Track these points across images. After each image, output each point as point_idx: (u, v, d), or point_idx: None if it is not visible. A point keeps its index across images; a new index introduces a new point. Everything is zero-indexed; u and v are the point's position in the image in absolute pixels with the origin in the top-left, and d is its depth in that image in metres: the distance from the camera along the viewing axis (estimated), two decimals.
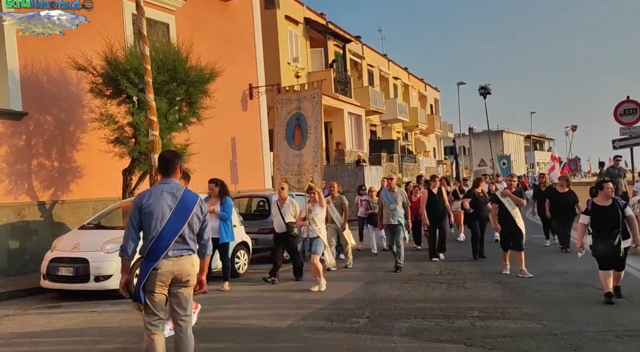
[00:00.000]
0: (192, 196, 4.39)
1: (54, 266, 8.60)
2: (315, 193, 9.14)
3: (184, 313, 4.29)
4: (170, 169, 4.43)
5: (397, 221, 10.29)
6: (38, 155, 11.34)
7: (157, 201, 4.25)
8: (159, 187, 4.37)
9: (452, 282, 8.81)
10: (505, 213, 9.26)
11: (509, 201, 9.28)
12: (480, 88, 42.05)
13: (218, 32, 15.95)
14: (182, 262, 4.23)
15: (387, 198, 10.45)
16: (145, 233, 4.23)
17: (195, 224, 4.33)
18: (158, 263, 4.15)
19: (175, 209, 4.24)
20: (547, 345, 5.34)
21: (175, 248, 4.21)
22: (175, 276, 4.22)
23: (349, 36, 29.41)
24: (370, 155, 27.74)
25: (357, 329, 6.17)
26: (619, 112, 14.02)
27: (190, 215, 4.27)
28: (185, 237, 4.26)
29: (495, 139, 64.27)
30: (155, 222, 4.19)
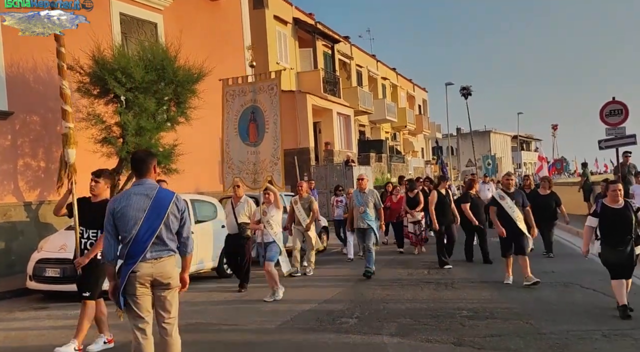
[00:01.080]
0: (167, 194, 4.26)
1: (41, 267, 8.52)
2: (271, 194, 8.41)
3: (168, 316, 4.19)
4: (143, 170, 4.29)
5: (367, 225, 9.61)
6: (24, 155, 11.22)
7: (128, 204, 4.13)
8: (131, 190, 4.26)
9: (441, 283, 8.85)
10: (505, 215, 8.43)
11: (508, 202, 8.44)
12: (461, 89, 42.24)
13: (206, 31, 15.89)
14: (161, 264, 4.14)
15: (357, 200, 9.81)
16: (122, 237, 4.14)
17: (173, 223, 4.20)
18: (136, 266, 4.06)
19: (149, 210, 4.12)
20: (535, 344, 5.38)
21: (154, 250, 4.11)
22: (155, 279, 4.13)
23: (337, 36, 29.46)
24: (359, 156, 27.78)
25: (347, 329, 6.17)
26: (604, 113, 14.14)
27: (166, 214, 4.15)
28: (164, 237, 4.15)
29: (482, 140, 64.79)
30: (130, 226, 4.09)
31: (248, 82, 9.40)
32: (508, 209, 8.39)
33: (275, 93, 8.94)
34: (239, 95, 9.33)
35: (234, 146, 9.17)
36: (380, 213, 9.90)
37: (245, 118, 9.15)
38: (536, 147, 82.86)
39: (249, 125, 9.09)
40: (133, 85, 10.52)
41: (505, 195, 8.50)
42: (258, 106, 9.04)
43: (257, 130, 8.94)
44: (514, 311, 6.77)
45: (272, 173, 8.62)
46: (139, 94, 10.60)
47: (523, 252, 8.27)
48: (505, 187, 8.73)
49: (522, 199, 8.62)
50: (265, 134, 8.84)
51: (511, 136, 75.38)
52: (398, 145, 39.77)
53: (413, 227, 12.51)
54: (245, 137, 9.09)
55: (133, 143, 10.59)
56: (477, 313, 6.70)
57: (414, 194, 12.56)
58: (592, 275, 8.48)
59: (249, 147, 8.98)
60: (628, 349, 5.15)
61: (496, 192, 8.92)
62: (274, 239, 8.27)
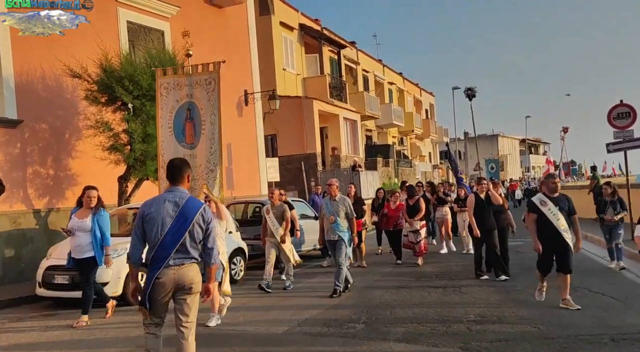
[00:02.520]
0: (195, 204, 4.37)
1: (50, 274, 8.57)
2: (212, 203, 7.26)
3: (186, 320, 4.29)
4: (177, 178, 4.44)
5: (338, 236, 8.71)
6: (33, 163, 11.31)
7: (158, 209, 4.27)
8: (162, 196, 4.42)
9: (448, 287, 8.83)
10: (546, 225, 7.05)
11: (551, 209, 7.08)
12: (466, 90, 41.83)
13: (213, 38, 15.98)
14: (183, 270, 4.24)
15: (327, 208, 8.90)
16: (148, 241, 4.28)
17: (198, 233, 4.29)
18: (160, 272, 4.19)
19: (176, 218, 4.24)
20: (543, 349, 5.36)
21: (177, 257, 4.22)
22: (177, 284, 4.24)
23: (343, 42, 29.51)
24: (366, 160, 27.77)
25: (354, 335, 6.17)
26: (612, 116, 14.08)
27: (191, 224, 4.25)
28: (187, 246, 4.25)
29: (490, 143, 64.58)
30: (157, 231, 4.23)
31: (184, 74, 8.12)
32: (551, 217, 7.04)
33: (213, 88, 7.64)
34: (174, 89, 8.04)
35: (169, 148, 7.93)
36: (352, 223, 8.90)
37: (180, 116, 7.91)
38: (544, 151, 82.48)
39: (185, 124, 7.88)
40: (140, 92, 10.61)
41: (548, 200, 7.16)
42: (194, 103, 7.80)
43: (194, 131, 7.78)
44: (521, 315, 6.75)
45: (207, 181, 7.43)
46: (146, 102, 10.69)
47: (566, 269, 7.01)
48: (549, 191, 7.27)
49: (569, 206, 7.21)
50: (202, 136, 7.64)
51: (519, 140, 75.06)
52: (405, 149, 39.71)
53: (414, 236, 11.65)
54: (181, 138, 7.88)
55: (140, 150, 10.67)
56: (484, 318, 6.68)
57: (413, 201, 11.83)
58: (600, 279, 8.44)
59: (185, 150, 7.75)
60: None
61: (537, 197, 7.39)
62: None
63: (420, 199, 11.96)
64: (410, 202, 11.89)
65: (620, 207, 9.85)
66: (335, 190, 8.95)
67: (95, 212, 7.48)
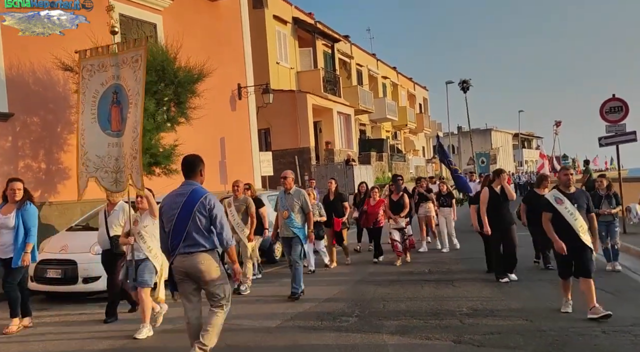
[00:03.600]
0: (197, 194, 4.65)
1: (42, 268, 8.53)
2: (144, 198, 6.63)
3: (214, 303, 4.75)
4: (189, 172, 4.80)
5: (293, 233, 8.07)
6: (25, 157, 11.23)
7: (169, 203, 4.70)
8: (175, 190, 4.81)
9: (441, 281, 8.85)
10: (562, 224, 6.35)
11: (567, 207, 6.35)
12: (460, 82, 41.80)
13: (206, 32, 15.90)
14: (190, 259, 4.58)
15: (281, 202, 8.22)
16: (166, 231, 4.71)
17: (201, 221, 4.58)
18: (174, 259, 4.65)
19: (181, 209, 4.59)
20: (535, 341, 5.39)
21: (185, 245, 4.58)
22: (187, 272, 4.63)
23: (337, 36, 29.45)
24: (359, 155, 27.78)
25: (347, 328, 6.18)
26: (604, 110, 14.15)
27: (193, 213, 4.55)
28: (193, 234, 4.56)
29: (484, 138, 64.71)
30: (168, 223, 4.65)
31: (109, 54, 7.14)
32: (568, 215, 6.33)
33: (140, 66, 6.76)
34: (99, 71, 7.19)
35: (91, 136, 7.12)
36: (308, 218, 8.21)
37: (106, 100, 7.09)
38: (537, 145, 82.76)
39: (111, 110, 7.04)
40: None
41: (564, 197, 6.41)
42: (121, 84, 6.95)
43: (120, 116, 6.92)
44: (513, 308, 6.78)
45: (132, 171, 6.66)
46: None
47: (587, 273, 6.25)
48: (564, 185, 6.53)
49: (587, 202, 6.50)
50: (127, 121, 6.80)
51: (512, 134, 75.28)
52: (399, 144, 39.75)
53: (398, 234, 10.81)
54: (107, 126, 7.04)
55: None
56: (477, 311, 6.71)
57: (398, 197, 10.98)
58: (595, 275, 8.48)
59: (111, 138, 6.95)
60: (628, 345, 5.16)
61: (552, 193, 6.62)
62: (147, 255, 6.48)
63: (404, 194, 11.15)
64: (395, 197, 11.05)
65: (616, 203, 9.74)
66: (290, 182, 8.22)
67: (20, 207, 6.85)
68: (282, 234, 8.26)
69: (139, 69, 6.70)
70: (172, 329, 6.53)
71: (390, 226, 11.03)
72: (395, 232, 10.84)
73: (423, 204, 12.83)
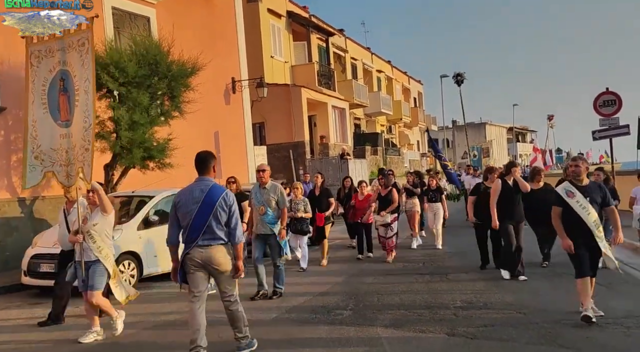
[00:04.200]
0: (218, 190, 4.94)
1: (35, 263, 8.52)
2: (95, 194, 6.06)
3: (225, 295, 5.01)
4: (203, 168, 5.02)
5: (271, 230, 7.67)
6: (17, 151, 11.15)
7: (186, 198, 4.91)
8: (191, 185, 5.00)
9: (435, 274, 8.88)
10: (574, 221, 5.80)
11: (580, 201, 5.80)
12: (455, 75, 41.65)
13: (200, 25, 15.83)
14: (210, 250, 4.85)
15: (256, 198, 7.77)
16: (182, 225, 4.92)
17: (221, 215, 4.86)
18: (190, 250, 4.85)
19: (201, 204, 4.82)
20: (528, 333, 5.42)
21: (204, 238, 4.83)
22: (204, 263, 4.86)
23: (332, 29, 29.38)
24: (354, 149, 27.78)
25: (341, 321, 6.20)
26: (598, 104, 14.19)
27: (215, 208, 4.82)
28: (213, 228, 4.83)
29: (478, 131, 64.79)
30: (186, 217, 4.86)
31: (55, 38, 6.77)
32: (580, 210, 5.78)
33: (86, 50, 6.34)
34: (46, 57, 6.81)
35: (44, 128, 6.73)
36: (282, 214, 7.77)
37: (54, 88, 6.66)
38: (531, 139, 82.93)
39: (59, 98, 6.58)
40: (126, 79, 10.48)
41: (576, 190, 5.86)
42: (68, 70, 6.51)
43: (68, 105, 6.46)
44: (507, 301, 6.81)
45: (83, 164, 6.22)
46: (132, 89, 10.57)
47: (593, 274, 5.93)
48: (575, 178, 6.02)
49: (603, 196, 5.93)
50: (75, 109, 6.36)
51: (507, 128, 75.40)
52: (393, 138, 39.78)
53: (384, 230, 10.48)
54: (57, 115, 6.59)
55: (127, 138, 10.56)
56: (470, 304, 6.74)
57: (386, 192, 10.57)
58: None
59: (61, 129, 6.51)
60: (619, 337, 5.20)
61: (562, 186, 6.05)
62: (97, 256, 5.96)
63: (393, 189, 10.71)
64: (383, 192, 10.66)
65: (613, 197, 9.35)
66: (266, 176, 7.80)
67: None
68: (257, 231, 7.76)
69: (86, 53, 6.35)
70: (165, 323, 6.54)
71: (377, 221, 10.73)
72: (382, 228, 10.56)
73: (409, 199, 12.45)
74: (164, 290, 8.66)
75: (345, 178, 12.66)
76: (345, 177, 13.06)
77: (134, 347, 5.78)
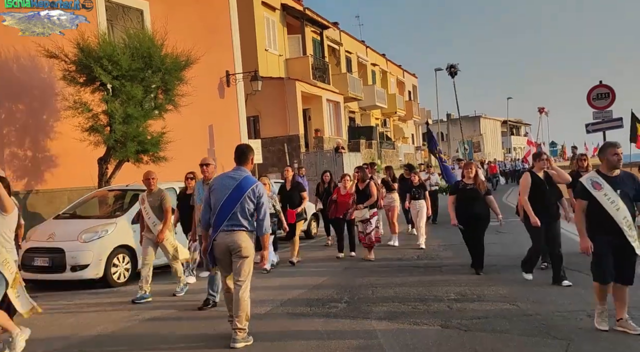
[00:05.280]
0: (249, 181, 5.24)
1: (30, 256, 8.50)
2: None
3: (238, 278, 5.24)
4: (242, 160, 5.36)
5: None
6: (10, 145, 11.12)
7: (220, 184, 5.27)
8: (227, 173, 5.39)
9: (430, 267, 8.93)
10: (601, 216, 5.04)
11: (608, 194, 5.03)
12: (448, 66, 41.45)
13: (193, 18, 15.74)
14: (232, 235, 5.15)
15: (199, 195, 7.06)
16: (213, 209, 5.24)
17: (248, 205, 5.17)
18: (216, 235, 5.19)
19: (232, 191, 5.15)
20: (521, 325, 5.46)
21: (229, 224, 5.15)
22: (227, 247, 5.19)
23: (326, 22, 29.28)
24: (349, 142, 27.76)
25: (336, 314, 6.23)
26: (592, 97, 14.25)
27: (243, 197, 5.13)
28: (238, 215, 5.15)
29: (472, 125, 64.92)
30: (217, 201, 5.20)
31: None
32: (608, 204, 5.01)
33: None
34: None
35: None
36: None
37: None
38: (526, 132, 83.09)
39: None
40: (119, 73, 10.43)
41: (604, 181, 5.10)
42: None
43: None
44: (501, 293, 6.86)
45: None
46: (125, 82, 10.52)
47: (627, 280, 5.10)
48: (607, 168, 5.17)
49: (636, 188, 5.11)
50: None
51: (501, 121, 75.57)
52: (388, 131, 39.78)
53: (362, 226, 10.00)
54: None
55: (120, 131, 10.53)
56: (464, 296, 6.77)
57: (364, 186, 10.13)
58: (577, 257, 8.55)
59: None
60: (611, 328, 5.22)
61: (588, 177, 5.26)
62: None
63: (371, 183, 10.22)
64: (361, 186, 10.17)
65: None
66: (212, 171, 7.11)
67: None
68: (199, 232, 6.96)
69: None
70: (161, 316, 6.54)
71: (356, 217, 10.17)
72: (361, 224, 10.07)
73: (388, 194, 11.83)
74: (157, 285, 8.66)
75: (325, 172, 11.96)
76: (324, 171, 12.30)
77: (133, 340, 5.78)
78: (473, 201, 8.14)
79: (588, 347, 4.77)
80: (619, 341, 4.91)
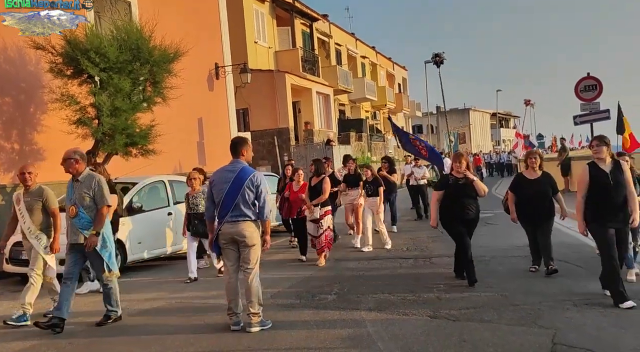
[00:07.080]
0: (247, 172, 5.46)
1: (17, 250, 8.43)
2: None
3: (246, 266, 5.48)
4: (236, 152, 5.58)
5: (83, 237, 5.80)
6: (1, 138, 11.01)
7: (220, 177, 5.51)
8: (224, 166, 5.60)
9: (419, 258, 8.99)
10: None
11: None
12: (433, 56, 40.40)
13: (182, 10, 15.62)
14: (237, 225, 5.38)
15: (68, 194, 5.99)
16: (216, 202, 5.48)
17: (249, 195, 5.39)
18: (221, 226, 5.43)
19: (231, 183, 5.38)
20: (508, 315, 5.52)
21: (233, 214, 5.38)
22: (233, 237, 5.42)
23: (316, 15, 29.20)
24: (339, 135, 27.77)
25: (325, 305, 6.26)
26: (579, 89, 14.36)
27: (243, 187, 5.36)
28: (240, 205, 5.37)
29: (462, 117, 65.17)
30: (219, 194, 5.43)
31: None
32: None
33: None
34: None
35: None
36: (99, 215, 5.81)
37: None
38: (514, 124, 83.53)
39: None
40: (107, 65, 10.33)
41: None
42: None
43: None
44: (489, 284, 6.91)
45: None
46: (113, 74, 10.42)
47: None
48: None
49: None
50: None
51: (490, 113, 75.89)
52: (378, 124, 39.84)
53: (313, 227, 9.08)
54: None
55: (109, 124, 10.45)
56: (453, 287, 6.83)
57: (317, 181, 9.10)
58: (565, 248, 8.69)
59: None
60: (597, 317, 5.31)
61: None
62: None
63: (326, 178, 9.21)
64: (313, 181, 9.17)
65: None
66: (80, 166, 5.96)
67: None
68: (70, 240, 5.92)
69: None
70: (151, 310, 6.54)
71: (307, 216, 9.22)
72: (310, 225, 9.12)
73: (350, 191, 10.38)
74: (146, 278, 8.65)
75: (286, 166, 10.82)
76: (286, 164, 10.94)
77: (124, 333, 5.78)
78: (464, 199, 6.98)
79: (574, 335, 4.83)
80: (604, 330, 4.98)
